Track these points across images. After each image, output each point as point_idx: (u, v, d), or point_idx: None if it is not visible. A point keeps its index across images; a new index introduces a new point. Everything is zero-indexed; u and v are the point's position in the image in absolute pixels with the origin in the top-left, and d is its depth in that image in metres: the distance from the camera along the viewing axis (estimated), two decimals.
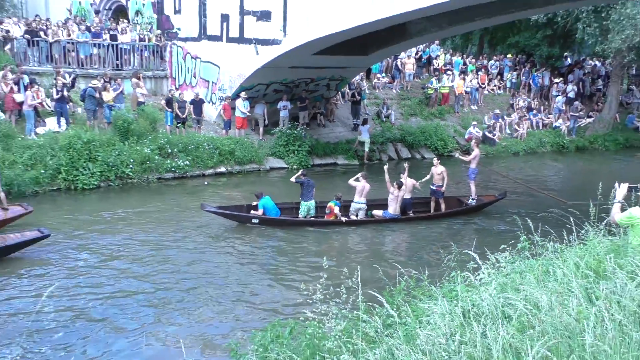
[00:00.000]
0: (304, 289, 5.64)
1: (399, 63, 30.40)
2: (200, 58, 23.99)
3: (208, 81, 23.89)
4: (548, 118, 31.17)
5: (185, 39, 24.49)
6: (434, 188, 16.93)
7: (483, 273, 5.76)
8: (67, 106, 20.20)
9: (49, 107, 20.37)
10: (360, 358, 4.02)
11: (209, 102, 23.66)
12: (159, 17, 25.61)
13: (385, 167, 16.34)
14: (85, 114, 20.62)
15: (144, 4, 26.50)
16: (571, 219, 7.02)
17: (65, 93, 19.99)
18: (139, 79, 22.98)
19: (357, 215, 15.91)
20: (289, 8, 20.28)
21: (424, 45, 30.78)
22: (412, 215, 16.50)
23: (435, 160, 17.50)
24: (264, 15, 21.15)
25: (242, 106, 22.32)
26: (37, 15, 29.36)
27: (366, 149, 24.22)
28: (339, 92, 26.81)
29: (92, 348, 9.16)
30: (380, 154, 25.08)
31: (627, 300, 4.25)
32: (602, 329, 3.83)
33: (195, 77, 24.34)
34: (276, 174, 21.71)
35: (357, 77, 27.62)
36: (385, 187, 16.12)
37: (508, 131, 29.39)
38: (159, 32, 25.35)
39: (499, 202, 17.65)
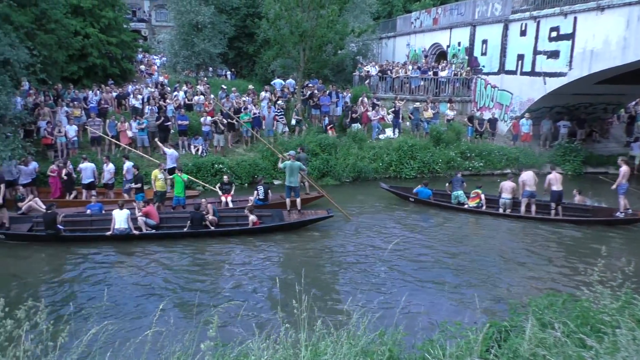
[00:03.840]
0: (581, 269, 4.84)
1: None
2: (497, 87, 22.68)
3: (502, 104, 22.46)
4: None
5: (488, 73, 23.36)
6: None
7: None
8: (400, 121, 20.99)
9: (388, 121, 21.43)
10: (634, 334, 3.25)
11: (502, 120, 22.28)
12: (470, 58, 24.88)
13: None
14: (411, 127, 21.20)
15: (459, 49, 26.06)
16: None
17: (399, 112, 20.80)
18: (451, 102, 22.77)
19: (504, 209, 14.18)
20: (575, 48, 17.99)
21: None
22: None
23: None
24: (553, 54, 19.08)
25: (526, 124, 20.51)
26: (386, 60, 31.15)
27: (637, 162, 20.16)
28: (615, 114, 22.90)
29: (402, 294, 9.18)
30: None
31: None
32: None
33: (492, 101, 23.11)
34: None
35: (633, 102, 23.27)
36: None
37: None
38: (468, 68, 24.70)
39: None
